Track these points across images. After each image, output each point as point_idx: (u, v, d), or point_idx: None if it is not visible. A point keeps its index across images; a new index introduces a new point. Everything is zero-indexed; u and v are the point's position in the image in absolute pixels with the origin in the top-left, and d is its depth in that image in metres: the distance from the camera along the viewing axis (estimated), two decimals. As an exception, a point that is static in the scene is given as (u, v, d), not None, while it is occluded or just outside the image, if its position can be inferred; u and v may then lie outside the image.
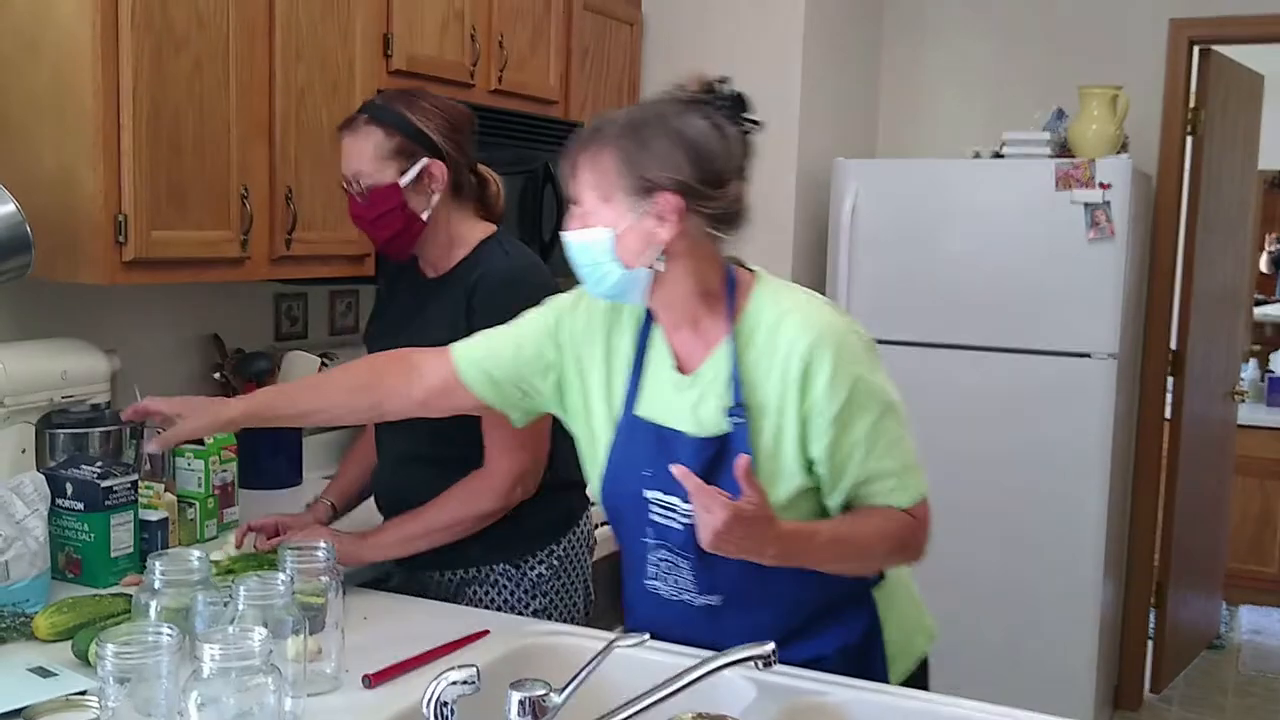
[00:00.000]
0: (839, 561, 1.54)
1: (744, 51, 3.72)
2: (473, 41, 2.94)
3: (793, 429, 1.51)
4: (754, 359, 1.53)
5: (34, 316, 2.30)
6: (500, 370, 1.72)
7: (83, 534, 1.94)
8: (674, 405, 1.57)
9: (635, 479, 1.58)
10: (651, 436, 1.57)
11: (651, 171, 1.47)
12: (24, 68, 2.08)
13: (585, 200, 1.52)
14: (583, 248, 1.52)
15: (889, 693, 1.54)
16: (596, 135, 1.51)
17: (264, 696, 1.21)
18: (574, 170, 1.52)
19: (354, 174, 1.99)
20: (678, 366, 1.59)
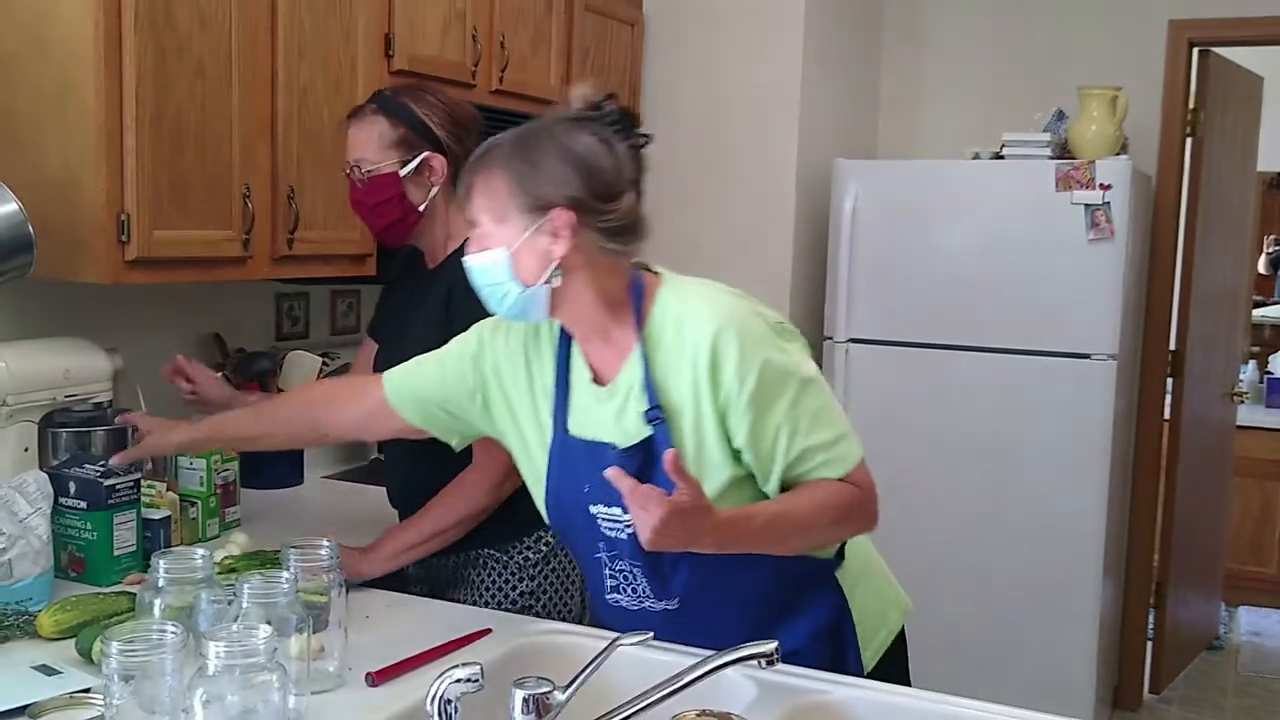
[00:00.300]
0: (783, 541, 1.53)
1: (745, 52, 3.73)
2: (474, 42, 2.94)
3: (712, 422, 1.52)
4: (665, 360, 1.54)
5: (36, 315, 2.30)
6: (426, 395, 1.77)
7: (86, 532, 1.94)
8: (598, 418, 1.59)
9: (577, 497, 1.59)
10: (585, 452, 1.58)
11: (542, 189, 1.49)
12: (27, 67, 2.08)
13: (482, 222, 1.53)
14: (482, 269, 1.54)
15: (889, 691, 1.55)
16: (487, 158, 1.53)
17: (268, 694, 1.22)
18: (469, 194, 1.54)
19: (357, 160, 2.04)
20: (595, 379, 1.61)
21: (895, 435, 3.63)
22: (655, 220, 4.12)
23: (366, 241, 2.64)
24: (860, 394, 3.66)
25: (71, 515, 1.95)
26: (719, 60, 3.77)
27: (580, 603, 2.17)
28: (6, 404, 2.05)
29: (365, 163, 2.03)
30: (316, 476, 2.83)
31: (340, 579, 1.55)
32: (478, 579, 2.08)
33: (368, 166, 2.03)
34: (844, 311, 3.66)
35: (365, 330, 2.32)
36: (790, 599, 1.63)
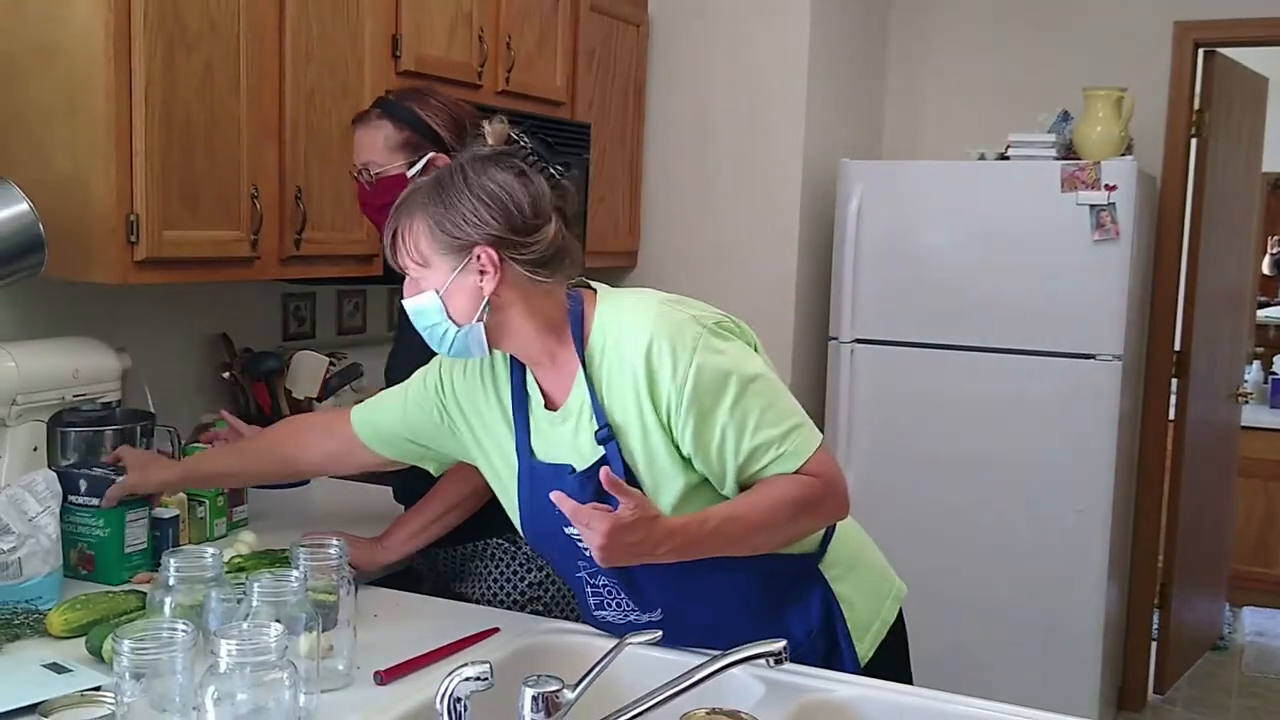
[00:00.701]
0: (743, 540, 1.52)
1: (750, 53, 3.73)
2: (480, 43, 2.95)
3: (658, 432, 1.53)
4: (607, 378, 1.55)
5: (46, 315, 2.31)
6: (393, 429, 1.81)
7: (97, 530, 1.95)
8: (556, 441, 1.60)
9: (551, 519, 1.57)
10: (551, 475, 1.59)
11: (461, 230, 1.50)
12: (37, 69, 2.09)
13: (408, 266, 1.55)
14: (418, 312, 1.55)
15: (897, 690, 1.55)
16: (406, 205, 1.55)
17: (279, 692, 1.22)
18: (393, 242, 1.56)
19: (364, 164, 2.08)
20: (548, 404, 1.62)
21: (899, 435, 3.64)
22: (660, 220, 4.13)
23: (373, 242, 2.65)
24: (865, 394, 3.67)
25: (82, 513, 1.95)
26: (724, 61, 3.78)
27: None
28: (16, 403, 2.05)
29: (373, 165, 2.07)
30: (322, 477, 2.83)
31: (349, 577, 1.56)
32: (485, 570, 2.09)
33: (375, 169, 2.06)
34: (849, 312, 3.66)
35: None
36: (775, 598, 1.64)
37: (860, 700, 1.53)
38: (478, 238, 1.50)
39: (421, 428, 1.78)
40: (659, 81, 3.85)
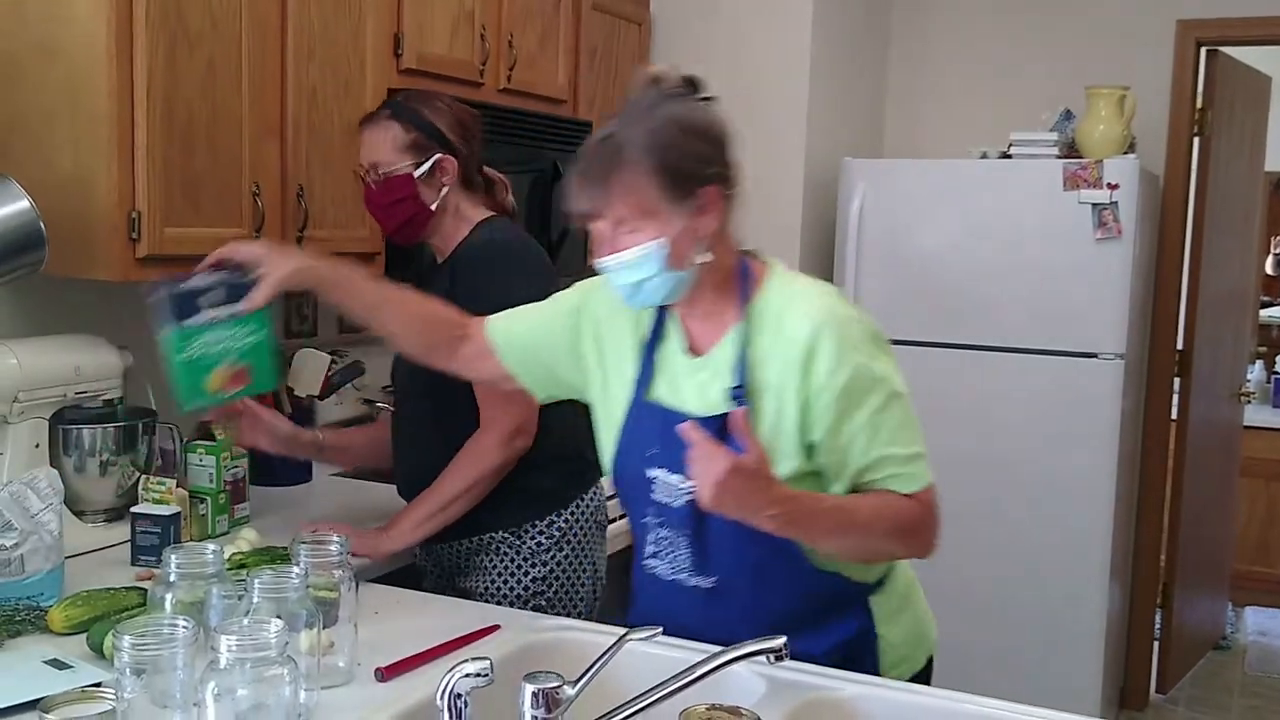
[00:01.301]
0: (839, 535, 1.53)
1: (752, 51, 3.73)
2: (482, 41, 2.95)
3: (793, 411, 1.53)
4: (761, 342, 1.56)
5: (48, 312, 2.31)
6: (523, 338, 1.79)
7: (247, 338, 1.78)
8: (683, 387, 1.61)
9: (641, 458, 1.62)
10: (659, 417, 1.60)
11: (689, 170, 1.50)
12: (39, 66, 2.09)
13: (626, 220, 1.51)
14: (632, 266, 1.52)
15: (900, 689, 1.55)
16: (620, 157, 1.50)
17: (279, 688, 1.22)
18: (604, 196, 1.51)
19: (372, 163, 2.11)
20: (690, 349, 1.63)
21: (902, 434, 3.64)
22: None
23: (375, 240, 2.65)
24: (867, 393, 3.66)
25: (220, 328, 1.74)
26: (726, 59, 3.77)
27: (592, 591, 2.19)
28: (18, 400, 2.05)
29: (381, 165, 2.09)
30: (325, 474, 2.83)
31: (350, 574, 1.55)
32: (489, 564, 2.10)
33: (384, 169, 2.09)
34: (851, 311, 3.66)
35: None
36: (819, 609, 1.63)
37: (862, 698, 1.53)
38: (705, 177, 1.51)
39: (549, 344, 1.76)
40: (661, 80, 3.85)
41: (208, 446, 2.27)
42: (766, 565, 1.57)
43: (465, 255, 2.12)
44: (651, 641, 1.40)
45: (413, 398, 2.21)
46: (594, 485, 2.24)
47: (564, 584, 2.12)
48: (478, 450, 2.06)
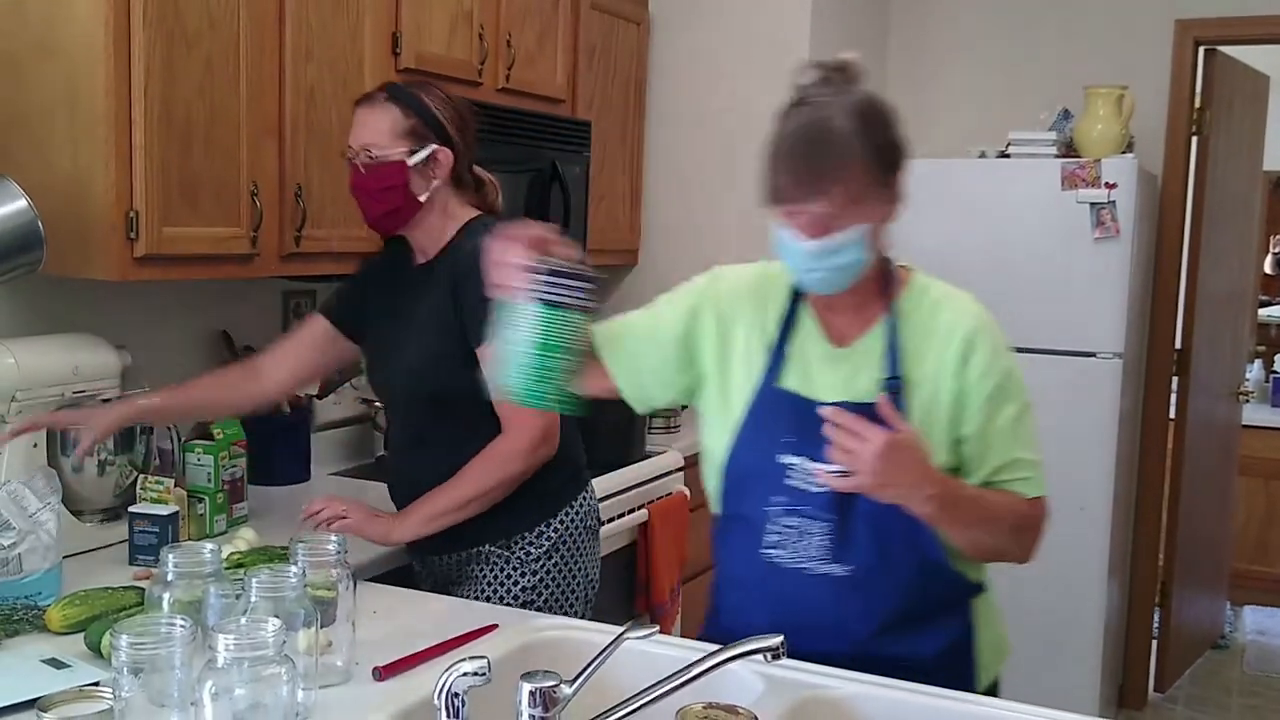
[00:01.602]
0: (976, 526, 1.57)
1: (750, 52, 3.73)
2: (481, 40, 2.95)
3: (945, 405, 1.57)
4: (911, 336, 1.59)
5: (46, 312, 2.31)
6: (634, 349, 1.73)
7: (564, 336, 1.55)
8: (824, 377, 1.61)
9: (772, 446, 1.60)
10: (794, 406, 1.60)
11: (891, 156, 1.54)
12: (38, 66, 2.09)
13: (834, 205, 1.50)
14: (839, 251, 1.52)
15: (895, 687, 1.55)
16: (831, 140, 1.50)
17: (277, 687, 1.22)
18: (817, 182, 1.50)
19: (364, 145, 2.04)
20: (830, 341, 1.63)
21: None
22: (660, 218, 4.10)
23: (373, 239, 2.64)
24: (865, 392, 3.66)
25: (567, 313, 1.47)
26: (725, 59, 3.77)
27: (585, 597, 2.17)
28: (16, 399, 2.05)
29: (375, 148, 2.03)
30: (323, 473, 2.83)
31: (348, 573, 1.55)
32: (480, 574, 2.09)
33: (376, 152, 2.03)
34: (849, 310, 3.66)
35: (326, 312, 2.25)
36: (932, 609, 1.63)
37: (859, 697, 1.53)
38: (902, 163, 1.55)
39: (659, 352, 1.71)
40: (659, 79, 3.85)
41: (205, 446, 2.27)
42: (900, 555, 1.56)
43: (467, 263, 1.99)
44: (648, 640, 1.40)
45: (415, 404, 2.11)
46: (584, 490, 2.21)
47: (555, 591, 2.10)
48: (501, 455, 2.01)
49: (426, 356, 2.05)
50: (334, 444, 2.95)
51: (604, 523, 2.91)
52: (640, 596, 3.13)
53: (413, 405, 2.12)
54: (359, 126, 2.07)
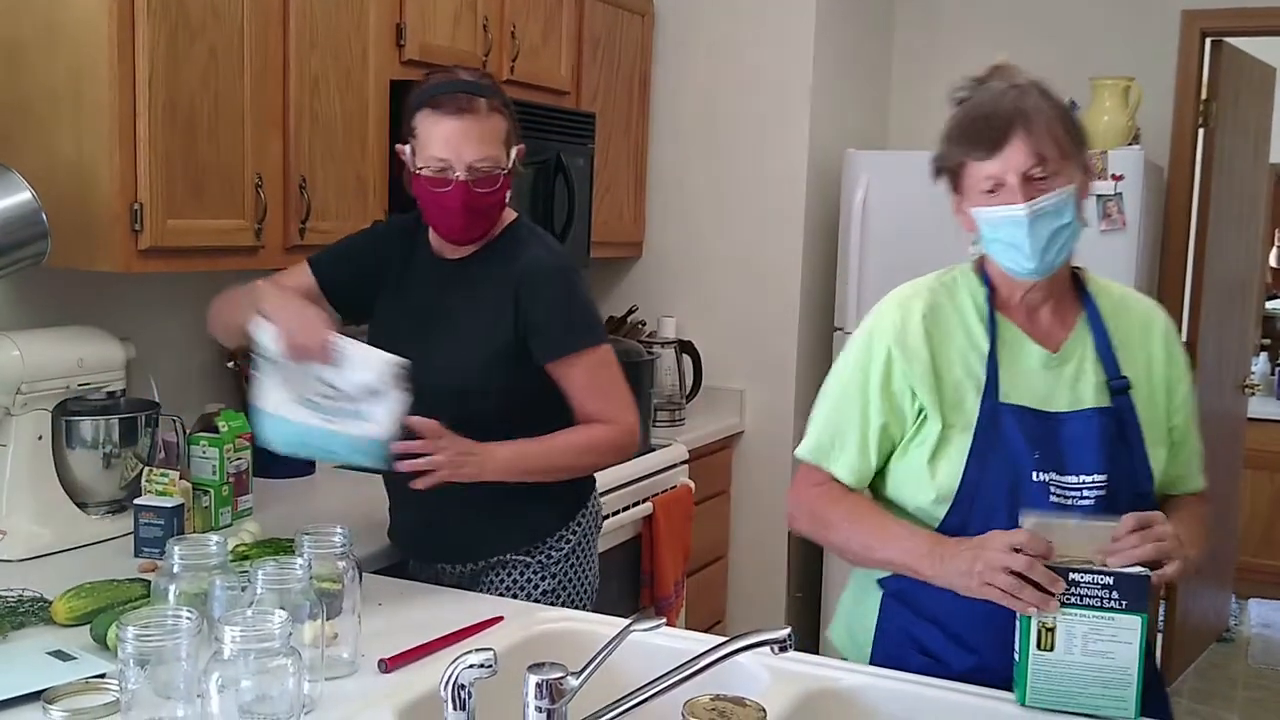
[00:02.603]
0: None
1: (755, 43, 3.72)
2: (485, 32, 2.94)
3: (1160, 399, 1.60)
4: (1113, 332, 1.60)
5: (50, 304, 2.31)
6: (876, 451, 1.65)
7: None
8: (1045, 385, 1.59)
9: (1018, 464, 1.55)
10: (1029, 420, 1.56)
11: (1079, 130, 1.58)
12: (41, 57, 2.09)
13: (1050, 159, 1.54)
14: (1058, 208, 1.55)
15: (899, 679, 1.55)
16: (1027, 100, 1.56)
17: (283, 679, 1.22)
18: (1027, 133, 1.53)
19: (483, 158, 1.87)
20: (1041, 346, 1.62)
21: (905, 426, 3.63)
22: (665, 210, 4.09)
23: (378, 231, 2.64)
24: (870, 385, 3.66)
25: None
26: (729, 51, 3.76)
27: (591, 596, 2.15)
28: (21, 392, 2.05)
29: (490, 161, 1.88)
30: (328, 466, 2.83)
31: (354, 565, 1.55)
32: (498, 581, 2.05)
33: (494, 164, 1.89)
34: (854, 302, 3.65)
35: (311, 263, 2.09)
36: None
37: (865, 689, 1.53)
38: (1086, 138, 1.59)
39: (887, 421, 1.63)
40: (664, 71, 3.84)
41: (210, 439, 2.27)
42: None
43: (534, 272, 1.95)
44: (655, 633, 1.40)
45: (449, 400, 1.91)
46: (594, 488, 2.18)
47: (570, 592, 2.07)
48: (603, 446, 1.98)
49: (480, 357, 1.95)
50: (338, 436, 2.94)
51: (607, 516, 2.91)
52: (645, 589, 3.13)
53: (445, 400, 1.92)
54: (468, 138, 1.86)
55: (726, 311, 3.80)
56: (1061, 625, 1.41)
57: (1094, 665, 1.40)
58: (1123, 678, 1.40)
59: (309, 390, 1.76)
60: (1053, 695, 1.43)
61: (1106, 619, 1.39)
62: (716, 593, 3.76)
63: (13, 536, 2.05)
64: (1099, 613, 1.39)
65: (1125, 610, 1.39)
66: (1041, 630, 1.42)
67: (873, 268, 3.67)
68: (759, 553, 3.79)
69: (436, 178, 1.88)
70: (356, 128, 2.56)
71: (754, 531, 3.79)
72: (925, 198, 3.62)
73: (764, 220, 3.75)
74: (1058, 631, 1.41)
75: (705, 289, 3.83)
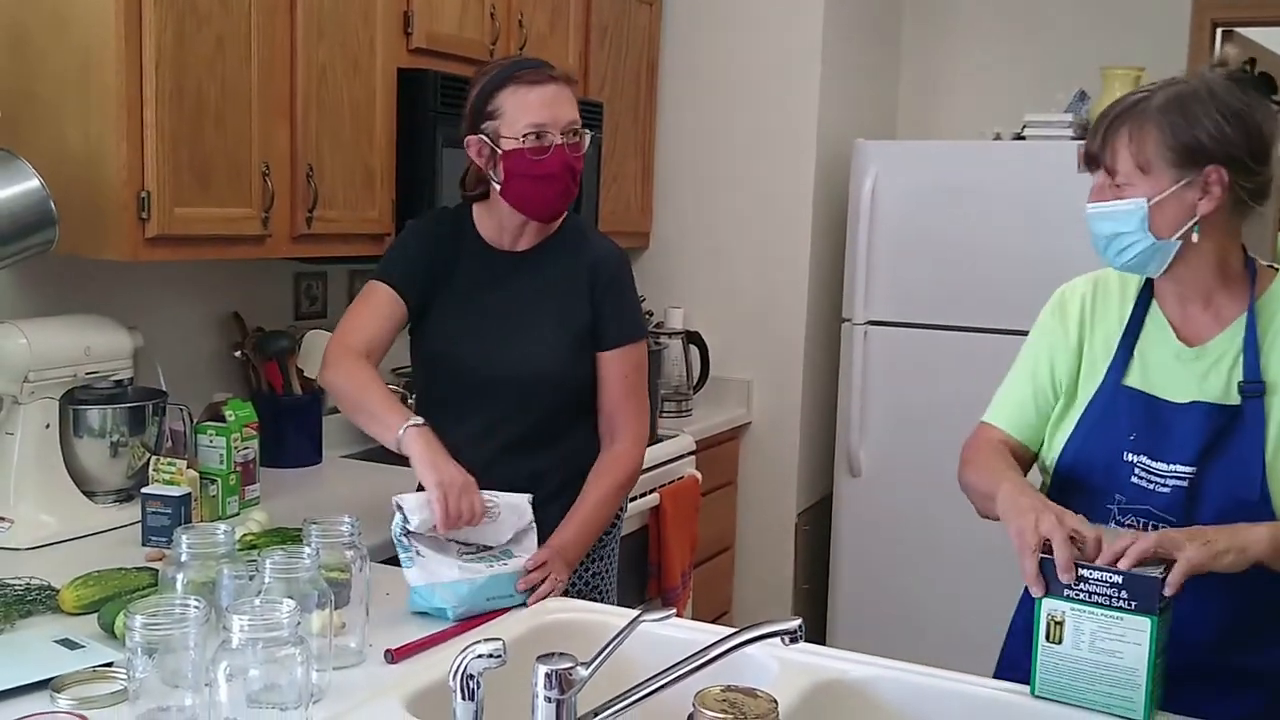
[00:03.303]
0: None
1: (763, 32, 3.70)
2: (492, 20, 2.93)
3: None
4: (1271, 338, 1.56)
5: (58, 292, 2.31)
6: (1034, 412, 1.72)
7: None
8: (1174, 377, 1.59)
9: (1115, 442, 1.59)
10: (1140, 404, 1.59)
11: (1201, 143, 1.50)
12: (48, 45, 2.08)
13: (1121, 171, 1.55)
14: (1113, 218, 1.57)
15: (909, 670, 1.54)
16: (1139, 108, 1.54)
17: (292, 668, 1.22)
18: (1110, 141, 1.56)
19: (575, 120, 1.95)
20: (1182, 340, 1.61)
21: (913, 418, 3.62)
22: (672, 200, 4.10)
23: (385, 221, 2.64)
24: (878, 376, 3.65)
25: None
26: (737, 40, 3.75)
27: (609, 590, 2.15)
28: (28, 380, 2.05)
29: (578, 125, 1.95)
30: (335, 455, 2.83)
31: (362, 554, 1.55)
32: None
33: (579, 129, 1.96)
34: (862, 293, 3.64)
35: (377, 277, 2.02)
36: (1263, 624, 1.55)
37: (875, 680, 1.52)
38: (1217, 155, 1.50)
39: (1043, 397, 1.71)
40: (672, 60, 3.82)
41: (218, 428, 2.27)
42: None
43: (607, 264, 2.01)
44: (662, 624, 1.39)
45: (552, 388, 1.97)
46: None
47: (609, 578, 2.10)
48: (630, 471, 2.01)
49: (562, 346, 1.97)
50: (346, 426, 2.94)
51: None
52: (652, 580, 3.13)
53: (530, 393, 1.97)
54: (560, 103, 1.92)
55: (734, 302, 3.79)
56: (1070, 620, 1.40)
57: (1101, 663, 1.39)
58: (1131, 678, 1.38)
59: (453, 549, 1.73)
60: (1061, 688, 1.43)
61: (1115, 618, 1.38)
62: (723, 584, 3.76)
63: (20, 525, 2.05)
64: (1107, 611, 1.38)
65: (1134, 611, 1.37)
66: (1050, 623, 1.41)
67: (881, 258, 3.66)
68: (766, 544, 3.78)
69: (536, 146, 1.90)
70: (364, 116, 2.55)
71: (761, 523, 3.78)
72: (934, 188, 3.63)
73: (772, 210, 3.74)
74: (1066, 625, 1.41)
75: (713, 279, 3.82)
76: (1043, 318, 1.78)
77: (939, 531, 3.49)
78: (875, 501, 3.61)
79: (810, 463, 3.83)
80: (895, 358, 3.65)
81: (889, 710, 1.51)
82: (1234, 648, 1.52)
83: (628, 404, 2.02)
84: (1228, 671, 1.50)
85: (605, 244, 2.07)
